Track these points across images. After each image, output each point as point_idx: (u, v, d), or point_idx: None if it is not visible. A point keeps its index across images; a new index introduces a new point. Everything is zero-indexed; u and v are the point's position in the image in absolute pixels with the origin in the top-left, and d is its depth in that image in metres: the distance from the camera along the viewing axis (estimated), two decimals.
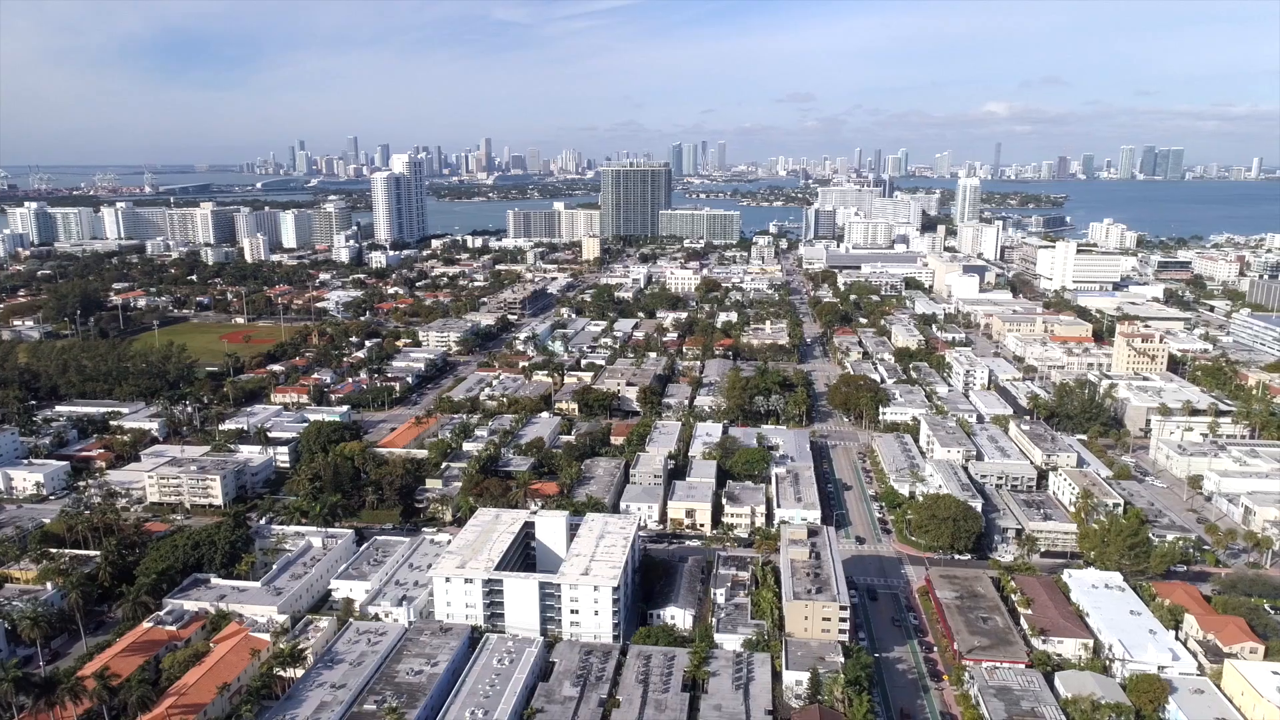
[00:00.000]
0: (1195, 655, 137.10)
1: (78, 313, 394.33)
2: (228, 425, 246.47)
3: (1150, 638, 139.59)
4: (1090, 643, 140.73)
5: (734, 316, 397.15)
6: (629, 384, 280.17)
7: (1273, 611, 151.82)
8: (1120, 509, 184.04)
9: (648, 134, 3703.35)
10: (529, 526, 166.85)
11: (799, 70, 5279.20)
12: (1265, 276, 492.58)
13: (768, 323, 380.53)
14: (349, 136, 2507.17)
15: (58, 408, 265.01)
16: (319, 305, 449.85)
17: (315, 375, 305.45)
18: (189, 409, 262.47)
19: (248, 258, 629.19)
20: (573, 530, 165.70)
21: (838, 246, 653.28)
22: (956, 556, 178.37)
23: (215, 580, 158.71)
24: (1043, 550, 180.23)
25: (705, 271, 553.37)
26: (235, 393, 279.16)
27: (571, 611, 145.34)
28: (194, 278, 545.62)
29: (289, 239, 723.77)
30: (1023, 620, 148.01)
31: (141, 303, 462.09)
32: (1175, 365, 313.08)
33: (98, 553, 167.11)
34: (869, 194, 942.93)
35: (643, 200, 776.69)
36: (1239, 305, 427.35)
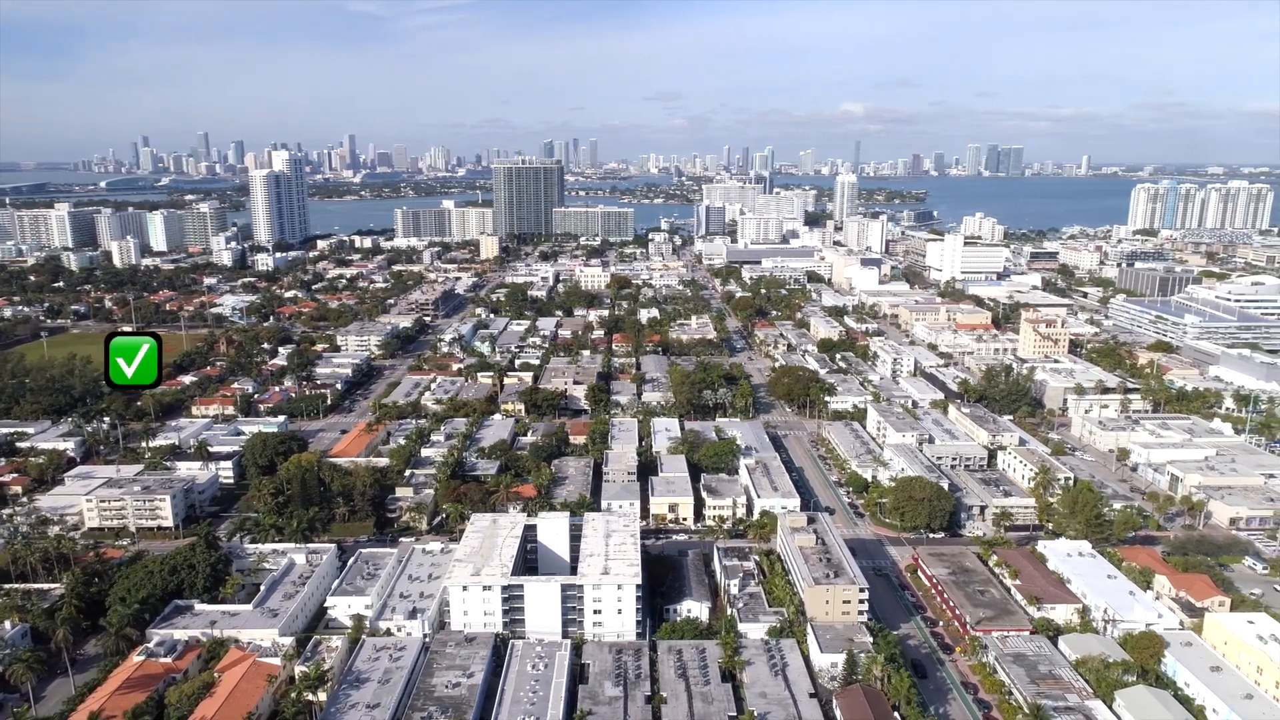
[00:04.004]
0: (1173, 611, 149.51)
1: None
2: (158, 441, 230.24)
3: (1132, 599, 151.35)
4: (1079, 607, 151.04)
5: (655, 313, 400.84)
6: (575, 383, 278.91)
7: (1219, 567, 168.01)
8: (1072, 483, 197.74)
9: (516, 131, 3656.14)
10: (530, 530, 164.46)
11: (667, 68, 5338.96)
12: (1124, 264, 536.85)
13: (693, 318, 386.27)
14: (199, 133, 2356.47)
15: None
16: (214, 311, 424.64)
17: (236, 385, 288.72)
18: (105, 426, 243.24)
19: (117, 262, 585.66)
20: (573, 531, 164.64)
21: (734, 242, 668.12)
22: (931, 536, 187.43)
23: (200, 606, 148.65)
24: (1006, 525, 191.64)
25: (613, 269, 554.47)
26: (153, 407, 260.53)
27: (594, 612, 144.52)
28: (60, 284, 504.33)
29: (158, 242, 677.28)
30: (1014, 591, 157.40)
31: (8, 312, 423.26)
32: (1073, 348, 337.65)
33: (55, 585, 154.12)
34: (751, 190, 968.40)
35: (536, 198, 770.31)
36: (1111, 292, 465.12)
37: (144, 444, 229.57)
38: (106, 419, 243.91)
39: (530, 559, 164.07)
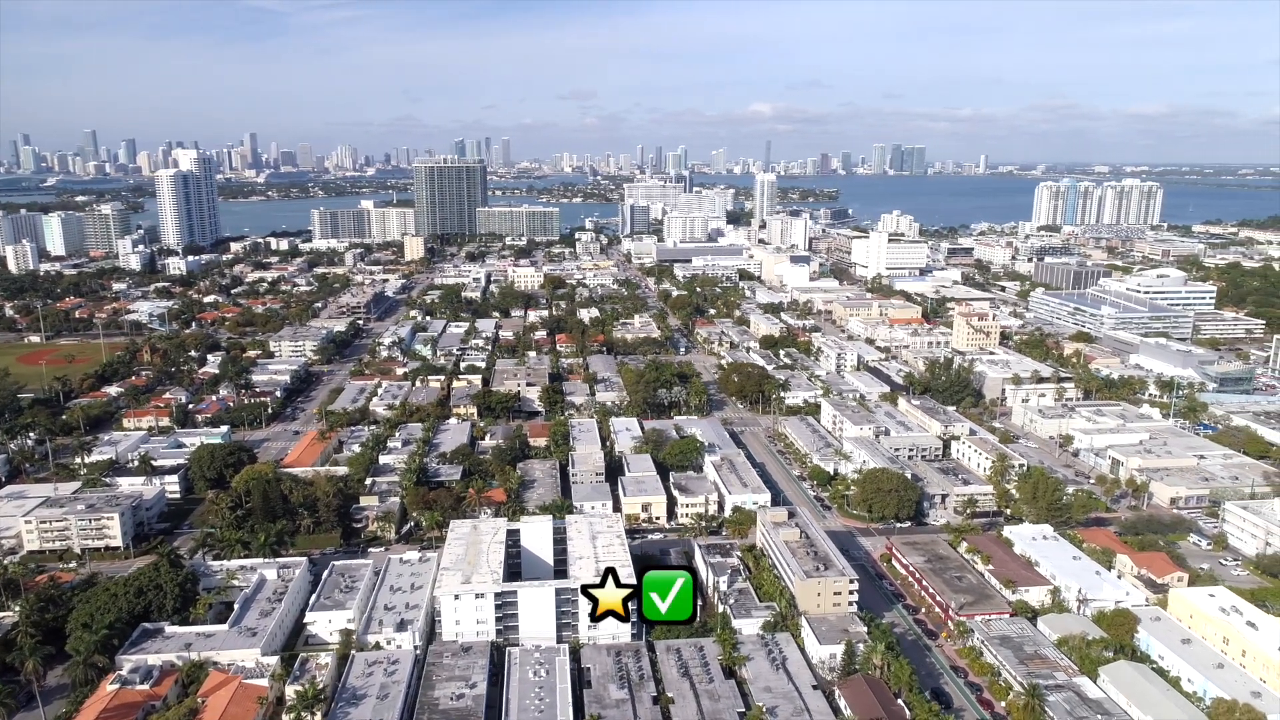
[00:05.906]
0: (1137, 589, 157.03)
1: None
2: (93, 457, 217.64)
3: (1098, 578, 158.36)
4: (1051, 589, 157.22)
5: (596, 312, 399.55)
6: (528, 384, 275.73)
7: (1169, 545, 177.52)
8: (1026, 469, 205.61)
9: (426, 129, 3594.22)
10: (513, 534, 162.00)
11: (580, 67, 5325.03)
12: (1037, 259, 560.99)
13: (634, 318, 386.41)
14: (85, 130, 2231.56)
15: None
16: (130, 318, 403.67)
17: (168, 395, 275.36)
18: (31, 442, 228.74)
19: (12, 268, 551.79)
20: (556, 535, 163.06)
21: (660, 241, 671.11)
22: (899, 526, 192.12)
23: (170, 628, 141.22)
24: (968, 512, 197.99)
25: (544, 269, 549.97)
26: (80, 420, 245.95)
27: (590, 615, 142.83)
28: None
29: (56, 245, 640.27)
30: (988, 575, 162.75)
31: None
32: (1001, 340, 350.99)
33: (4, 614, 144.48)
34: (673, 190, 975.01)
35: (459, 198, 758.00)
36: (1029, 286, 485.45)
37: (78, 460, 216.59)
38: (32, 434, 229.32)
39: (514, 564, 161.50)
